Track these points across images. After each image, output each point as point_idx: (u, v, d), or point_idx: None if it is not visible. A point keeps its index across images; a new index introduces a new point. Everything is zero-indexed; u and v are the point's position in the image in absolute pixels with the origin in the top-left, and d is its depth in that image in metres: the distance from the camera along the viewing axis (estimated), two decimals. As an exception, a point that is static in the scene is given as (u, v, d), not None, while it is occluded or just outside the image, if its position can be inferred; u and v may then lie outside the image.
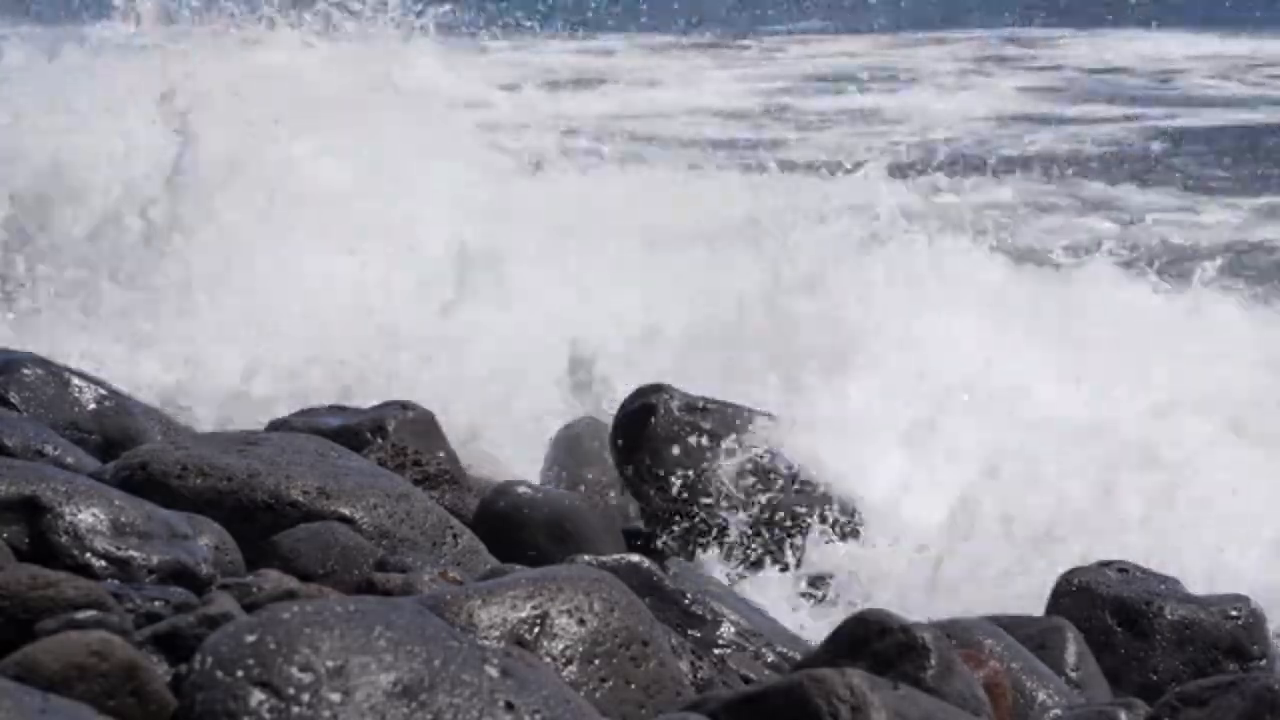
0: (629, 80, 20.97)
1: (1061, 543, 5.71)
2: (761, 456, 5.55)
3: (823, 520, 5.49)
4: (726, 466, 5.51)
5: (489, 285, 7.29)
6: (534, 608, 3.12)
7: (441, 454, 5.43)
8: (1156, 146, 16.78)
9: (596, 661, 3.13)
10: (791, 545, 5.42)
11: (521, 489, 5.34)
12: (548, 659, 3.05)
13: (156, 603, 3.00)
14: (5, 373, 5.26)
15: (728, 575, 5.28)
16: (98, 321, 7.42)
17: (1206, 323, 8.10)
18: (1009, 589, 5.43)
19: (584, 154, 12.14)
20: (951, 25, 27.18)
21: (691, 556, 5.35)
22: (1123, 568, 5.24)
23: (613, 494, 5.79)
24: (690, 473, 5.50)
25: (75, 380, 5.37)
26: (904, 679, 3.29)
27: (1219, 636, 4.91)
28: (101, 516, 3.66)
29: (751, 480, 5.52)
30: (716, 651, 3.90)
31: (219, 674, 2.45)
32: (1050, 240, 10.78)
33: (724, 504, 5.46)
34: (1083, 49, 24.62)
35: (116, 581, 3.37)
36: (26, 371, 5.29)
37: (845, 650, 3.41)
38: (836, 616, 4.44)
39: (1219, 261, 8.48)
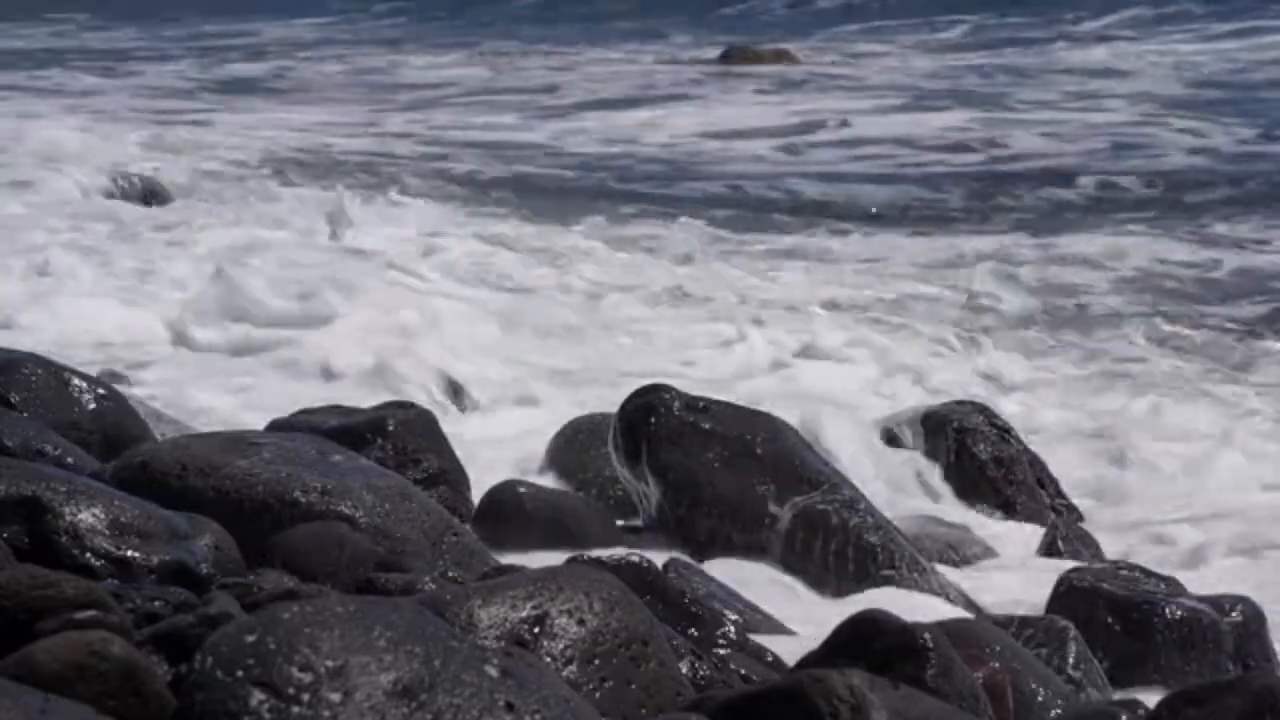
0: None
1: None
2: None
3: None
4: None
5: None
6: (534, 608, 3.11)
7: (442, 454, 5.43)
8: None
9: (596, 661, 3.13)
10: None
11: (522, 488, 5.35)
12: (548, 659, 3.05)
13: (156, 603, 2.99)
14: (5, 373, 5.25)
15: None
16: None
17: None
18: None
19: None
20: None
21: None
22: (1123, 568, 5.25)
23: (612, 493, 5.80)
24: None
25: (75, 380, 5.37)
26: (904, 679, 3.30)
27: (1219, 636, 4.91)
28: (101, 516, 3.66)
29: None
30: (716, 651, 3.90)
31: (219, 674, 2.45)
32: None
33: None
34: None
35: (116, 581, 3.37)
36: (26, 371, 5.28)
37: (845, 650, 3.41)
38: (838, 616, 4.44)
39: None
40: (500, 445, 6.59)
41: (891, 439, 6.71)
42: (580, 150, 17.13)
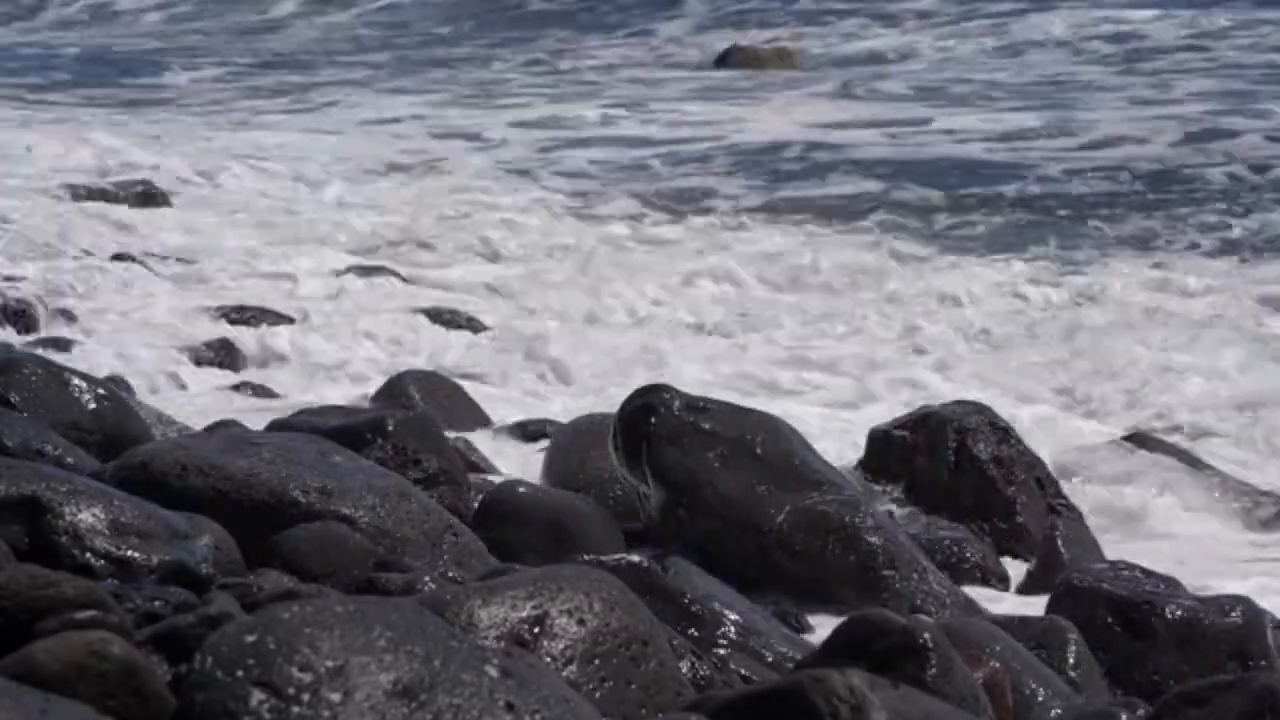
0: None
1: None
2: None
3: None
4: None
5: None
6: (534, 608, 3.12)
7: (442, 454, 5.43)
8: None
9: (596, 661, 3.13)
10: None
11: (522, 489, 5.35)
12: (548, 659, 3.05)
13: (156, 603, 3.00)
14: (5, 373, 5.26)
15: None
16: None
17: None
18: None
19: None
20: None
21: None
22: (1123, 568, 5.25)
23: (613, 493, 5.80)
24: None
25: (75, 380, 5.37)
26: (904, 679, 3.30)
27: (1219, 636, 4.91)
28: (101, 516, 3.66)
29: None
30: (716, 651, 3.90)
31: (219, 674, 2.45)
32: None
33: None
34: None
35: (116, 581, 3.38)
36: (26, 371, 5.29)
37: (845, 650, 3.41)
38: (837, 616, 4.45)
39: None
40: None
41: (889, 440, 6.71)
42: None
